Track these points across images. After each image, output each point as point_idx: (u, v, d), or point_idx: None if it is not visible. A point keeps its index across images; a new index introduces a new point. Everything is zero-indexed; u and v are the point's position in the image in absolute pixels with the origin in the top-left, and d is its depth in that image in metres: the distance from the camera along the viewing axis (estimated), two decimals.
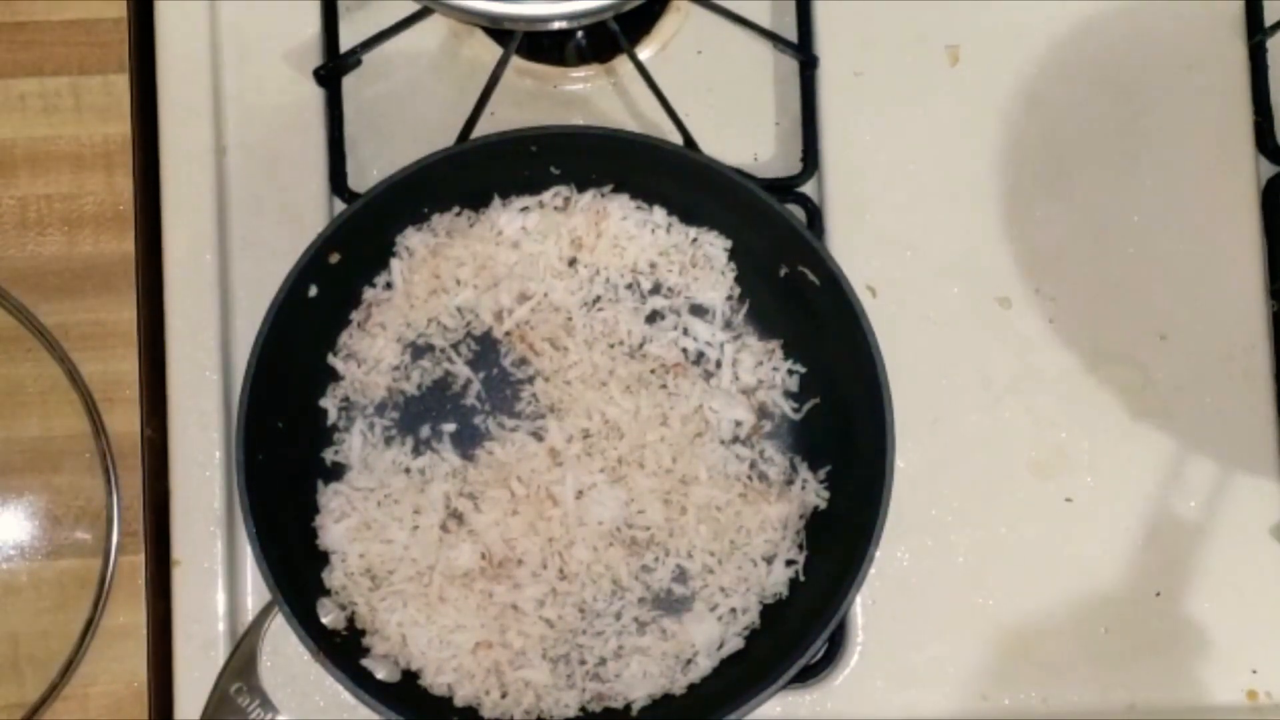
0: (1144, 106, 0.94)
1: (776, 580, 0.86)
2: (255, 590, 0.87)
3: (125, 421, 0.88)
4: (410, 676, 0.85)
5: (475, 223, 0.88)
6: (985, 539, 0.89)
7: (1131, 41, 0.94)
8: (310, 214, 0.90)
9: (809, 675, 0.88)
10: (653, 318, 0.88)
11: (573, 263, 0.88)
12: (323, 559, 0.86)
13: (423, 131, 0.91)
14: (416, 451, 0.87)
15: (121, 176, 0.90)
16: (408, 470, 0.86)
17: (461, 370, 0.88)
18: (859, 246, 0.91)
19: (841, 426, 0.86)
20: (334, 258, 0.85)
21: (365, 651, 0.84)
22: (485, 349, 0.88)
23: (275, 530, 0.83)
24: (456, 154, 0.86)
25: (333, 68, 0.92)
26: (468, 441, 0.87)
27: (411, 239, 0.88)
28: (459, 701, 0.84)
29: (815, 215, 0.92)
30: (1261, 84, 0.94)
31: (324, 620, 0.84)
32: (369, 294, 0.88)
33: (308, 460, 0.87)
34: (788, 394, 0.88)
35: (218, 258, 0.90)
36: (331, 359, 0.88)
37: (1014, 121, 0.93)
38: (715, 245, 0.89)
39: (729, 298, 0.89)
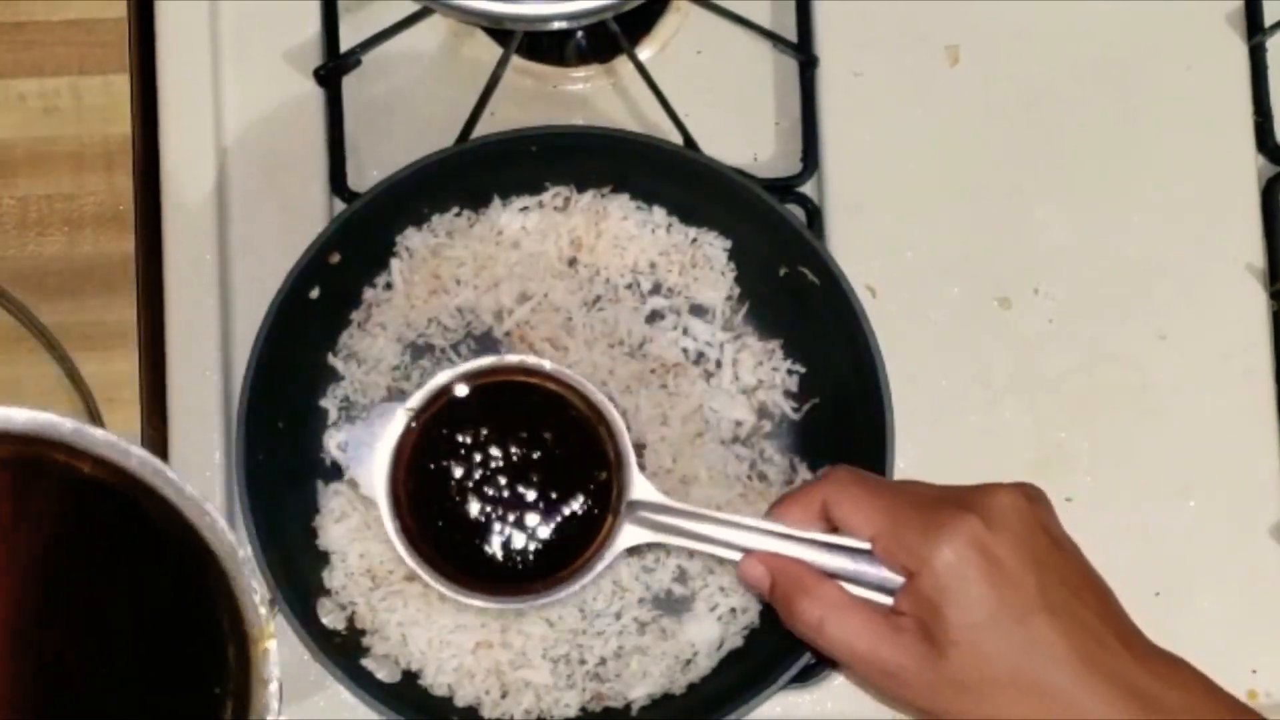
0: (1144, 106, 0.94)
1: None
2: None
3: (125, 421, 0.88)
4: (410, 676, 0.85)
5: (475, 223, 0.88)
6: None
7: (1131, 41, 0.94)
8: (310, 214, 0.90)
9: (809, 675, 0.88)
10: (653, 318, 0.88)
11: (573, 263, 0.88)
12: (323, 559, 0.86)
13: (423, 131, 0.91)
14: None
15: (122, 176, 0.90)
16: None
17: None
18: (859, 246, 0.91)
19: (841, 426, 0.86)
20: (334, 258, 0.85)
21: (365, 651, 0.84)
22: (485, 349, 0.88)
23: (275, 530, 0.83)
24: (456, 154, 0.86)
25: (333, 68, 0.92)
26: None
27: (411, 239, 0.88)
28: (459, 701, 0.84)
29: (815, 215, 0.92)
30: (1261, 84, 0.94)
31: (324, 620, 0.84)
32: (369, 294, 0.88)
33: (308, 460, 0.87)
34: (788, 394, 0.88)
35: (218, 258, 0.90)
36: (331, 359, 0.88)
37: (1014, 121, 0.93)
38: (715, 245, 0.89)
39: (729, 298, 0.89)
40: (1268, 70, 0.94)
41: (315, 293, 0.86)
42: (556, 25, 0.85)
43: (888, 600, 0.72)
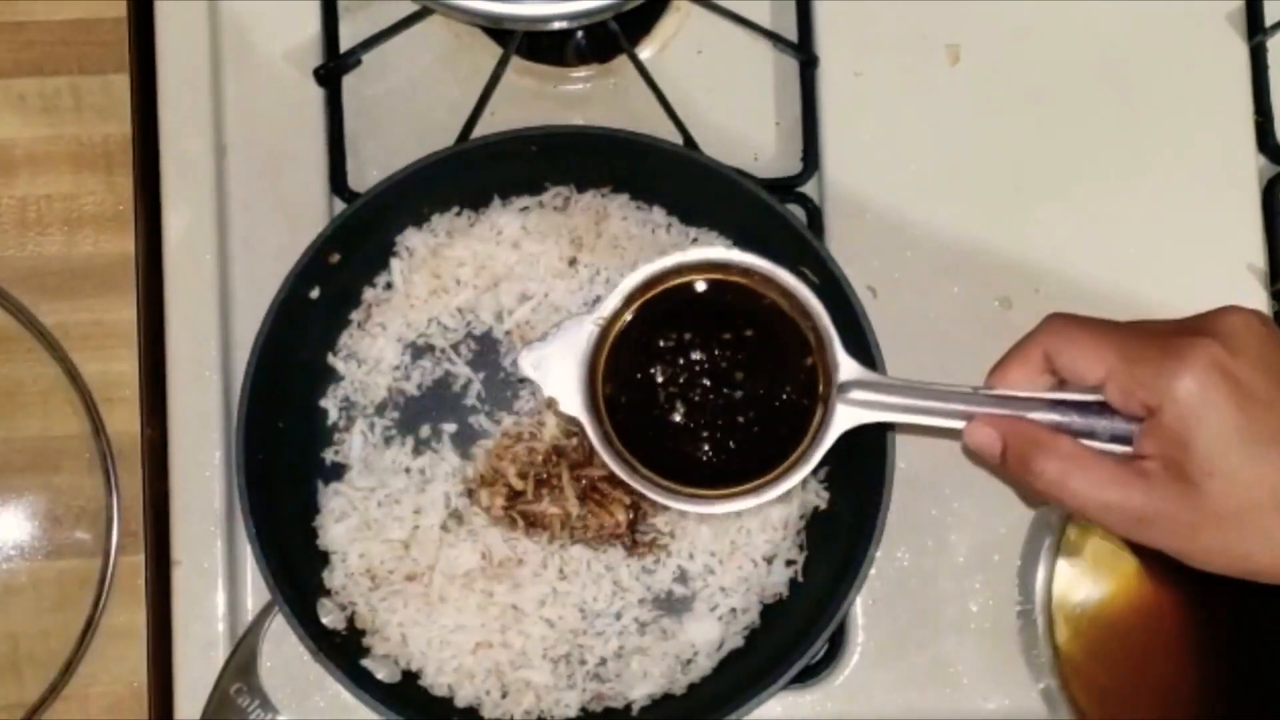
0: (1144, 106, 0.94)
1: (776, 580, 0.86)
2: (255, 590, 0.87)
3: (125, 421, 0.88)
4: (410, 676, 0.85)
5: (475, 223, 0.88)
6: (985, 539, 0.89)
7: (1131, 41, 0.94)
8: (310, 214, 0.90)
9: (809, 675, 0.88)
10: None
11: (573, 263, 0.88)
12: (323, 559, 0.86)
13: (423, 131, 0.91)
14: (416, 451, 0.87)
15: (121, 176, 0.90)
16: (408, 470, 0.86)
17: (461, 370, 0.88)
18: (859, 246, 0.91)
19: None
20: (334, 258, 0.85)
21: (365, 651, 0.84)
22: (485, 349, 0.88)
23: (275, 530, 0.83)
24: (456, 154, 0.86)
25: (333, 68, 0.92)
26: (467, 441, 0.87)
27: (411, 239, 0.88)
28: (459, 702, 0.84)
29: (815, 215, 0.92)
30: (1261, 84, 0.94)
31: (324, 620, 0.84)
32: (369, 294, 0.88)
33: (308, 460, 0.87)
34: None
35: (218, 258, 0.90)
36: (332, 359, 0.88)
37: (1014, 121, 0.93)
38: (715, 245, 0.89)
39: None
40: (1268, 70, 0.94)
41: (315, 293, 0.86)
42: (556, 25, 0.85)
43: (1126, 449, 0.69)
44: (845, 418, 0.74)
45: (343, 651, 0.83)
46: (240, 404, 0.83)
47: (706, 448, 0.77)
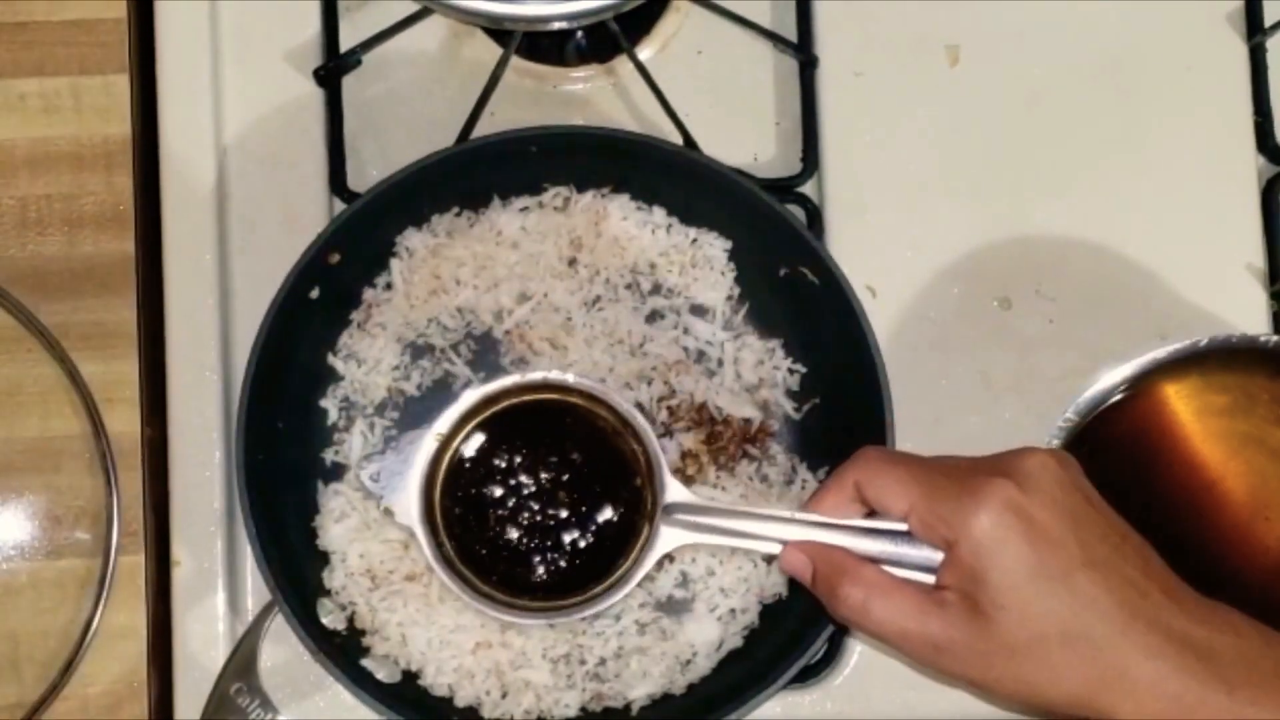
0: (1144, 106, 0.94)
1: (776, 580, 0.86)
2: (255, 590, 0.87)
3: (125, 421, 0.88)
4: (410, 676, 0.85)
5: (475, 223, 0.88)
6: None
7: (1131, 41, 0.94)
8: (310, 214, 0.90)
9: (809, 675, 0.88)
10: (652, 318, 0.88)
11: (573, 263, 0.88)
12: (323, 559, 0.86)
13: (423, 131, 0.91)
14: None
15: (121, 176, 0.90)
16: None
17: (461, 370, 0.88)
18: (859, 246, 0.91)
19: (841, 426, 0.86)
20: (334, 258, 0.85)
21: (365, 651, 0.84)
22: (485, 349, 0.88)
23: (275, 530, 0.83)
24: (456, 154, 0.86)
25: (333, 68, 0.92)
26: None
27: (411, 239, 0.88)
28: (459, 702, 0.84)
29: (815, 215, 0.92)
30: (1261, 84, 0.94)
31: (324, 620, 0.84)
32: (369, 294, 0.88)
33: (308, 460, 0.87)
34: (789, 393, 0.88)
35: (218, 258, 0.90)
36: (331, 359, 0.88)
37: (1014, 121, 0.93)
38: (715, 245, 0.89)
39: (729, 298, 0.89)
40: (1268, 70, 0.94)
41: (315, 293, 0.86)
42: (556, 25, 0.85)
43: (930, 579, 0.72)
44: (669, 538, 0.79)
45: (343, 651, 0.83)
46: (240, 404, 0.83)
47: (539, 566, 0.81)
